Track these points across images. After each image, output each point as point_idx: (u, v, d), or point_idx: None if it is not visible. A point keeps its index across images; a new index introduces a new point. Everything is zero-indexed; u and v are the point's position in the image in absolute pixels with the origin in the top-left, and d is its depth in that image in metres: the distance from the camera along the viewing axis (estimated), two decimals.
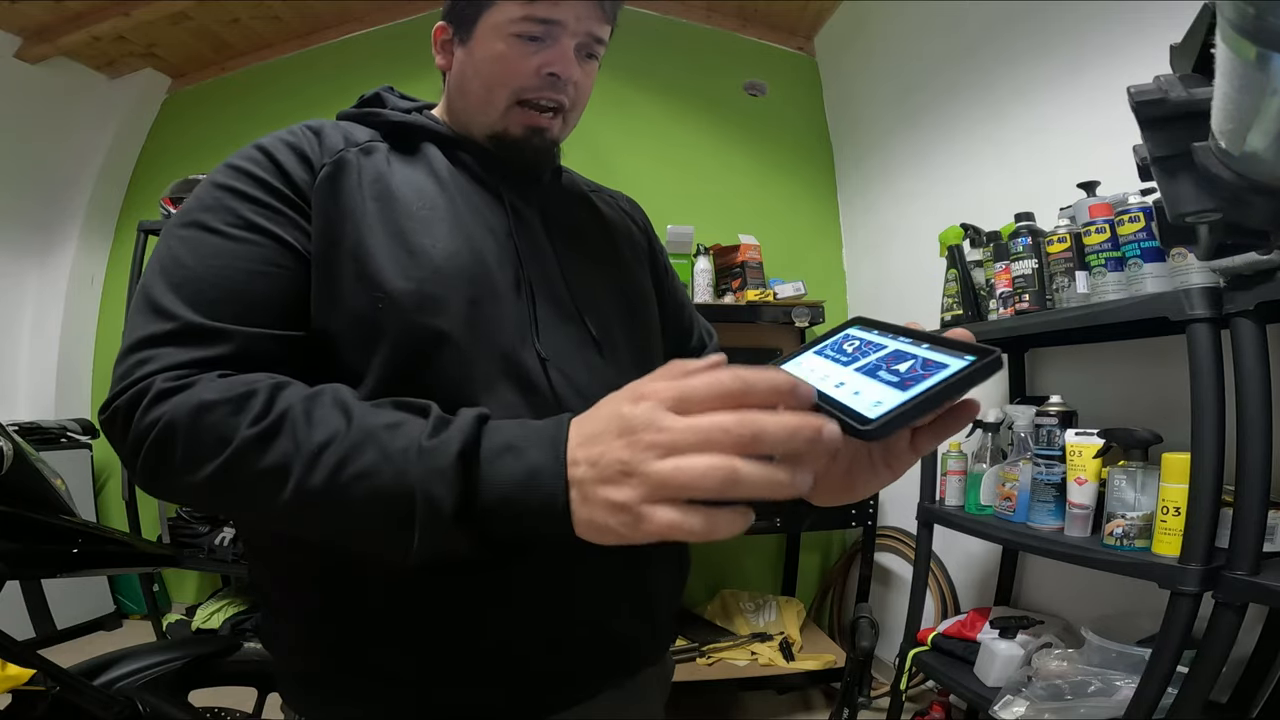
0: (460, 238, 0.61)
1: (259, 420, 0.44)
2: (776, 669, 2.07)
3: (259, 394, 0.46)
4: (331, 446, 0.43)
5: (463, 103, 0.68)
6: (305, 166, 0.59)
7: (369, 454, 0.42)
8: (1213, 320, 1.08)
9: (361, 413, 0.45)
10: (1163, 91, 0.44)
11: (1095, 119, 1.64)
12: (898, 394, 0.36)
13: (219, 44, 3.01)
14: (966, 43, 2.15)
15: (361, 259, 0.56)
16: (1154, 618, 1.18)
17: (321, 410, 0.45)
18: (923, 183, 2.40)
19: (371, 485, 0.42)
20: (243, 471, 0.44)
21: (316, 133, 0.62)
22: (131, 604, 2.87)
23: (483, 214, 0.64)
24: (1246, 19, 0.29)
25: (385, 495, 0.41)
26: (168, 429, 0.46)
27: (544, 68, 0.62)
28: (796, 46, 3.10)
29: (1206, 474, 1.07)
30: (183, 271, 0.53)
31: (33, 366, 2.98)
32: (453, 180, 0.65)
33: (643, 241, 0.81)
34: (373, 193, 0.60)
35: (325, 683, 0.58)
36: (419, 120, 0.67)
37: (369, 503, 0.42)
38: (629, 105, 2.91)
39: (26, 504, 1.08)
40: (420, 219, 0.60)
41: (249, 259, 0.54)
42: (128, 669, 1.14)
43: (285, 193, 0.57)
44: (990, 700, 1.38)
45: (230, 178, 0.57)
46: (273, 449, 0.43)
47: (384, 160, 0.63)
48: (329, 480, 0.42)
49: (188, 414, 0.45)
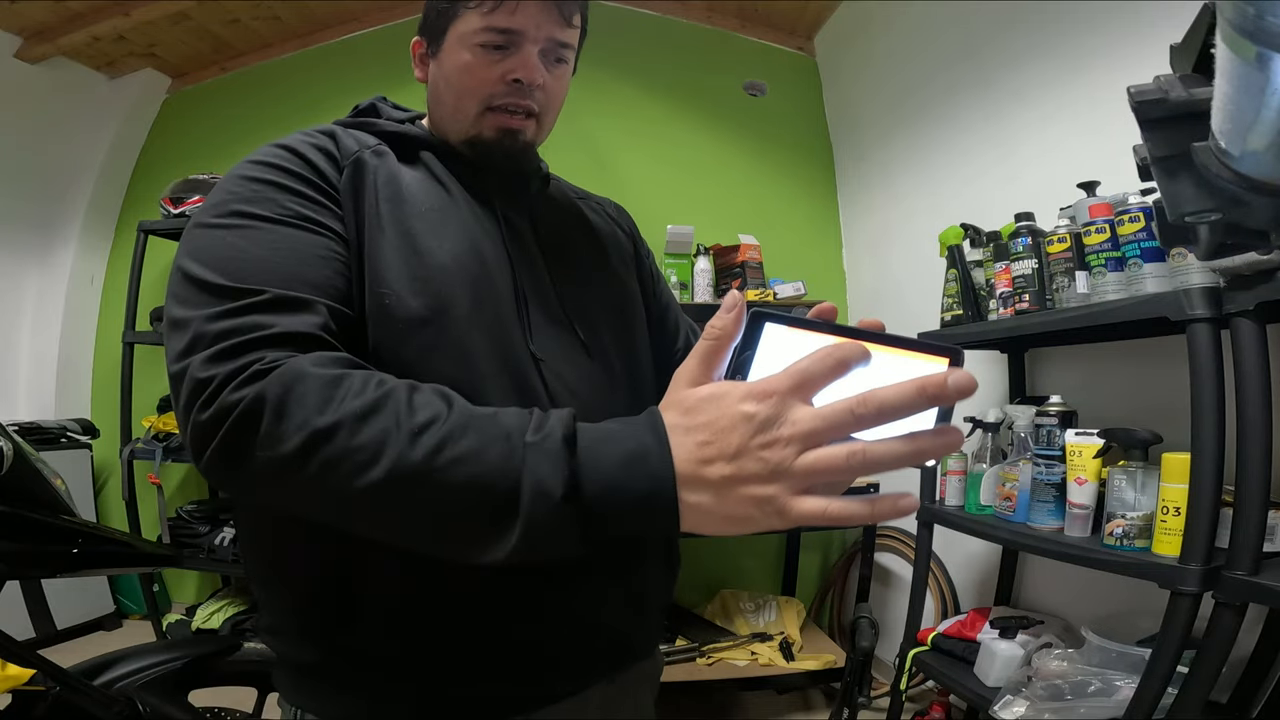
0: (465, 240, 0.63)
1: (359, 395, 0.43)
2: (776, 669, 2.07)
3: (357, 375, 0.45)
4: (433, 427, 0.42)
5: (439, 112, 0.70)
6: (333, 164, 0.61)
7: (471, 437, 0.41)
8: (1213, 320, 1.08)
9: (463, 402, 0.45)
10: (1163, 91, 0.44)
11: (1095, 119, 1.64)
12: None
13: (219, 44, 3.01)
14: (966, 43, 2.15)
15: (373, 256, 0.58)
16: (1154, 618, 1.18)
17: (423, 395, 0.44)
18: (923, 183, 2.40)
19: (473, 470, 0.41)
20: (334, 445, 0.42)
21: (331, 136, 0.64)
22: (131, 604, 2.87)
23: (481, 220, 0.66)
24: (1246, 19, 0.29)
25: (488, 479, 0.40)
26: (257, 401, 0.43)
27: (508, 75, 0.64)
28: (796, 46, 3.10)
29: (1206, 474, 1.07)
30: (237, 255, 0.52)
31: (33, 367, 2.98)
32: (453, 186, 0.67)
33: (629, 247, 0.83)
34: (386, 193, 0.61)
35: (321, 674, 0.59)
36: (412, 130, 0.69)
37: (467, 488, 0.41)
38: (629, 105, 2.91)
39: (26, 504, 1.08)
40: (429, 220, 0.62)
41: (309, 244, 0.55)
42: (128, 669, 1.14)
43: (323, 186, 0.59)
44: (990, 700, 1.38)
45: (265, 173, 0.57)
46: (371, 424, 0.42)
47: (394, 163, 0.65)
48: (427, 461, 0.41)
49: (281, 386, 0.43)
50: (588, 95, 2.71)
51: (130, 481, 2.61)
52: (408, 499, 0.42)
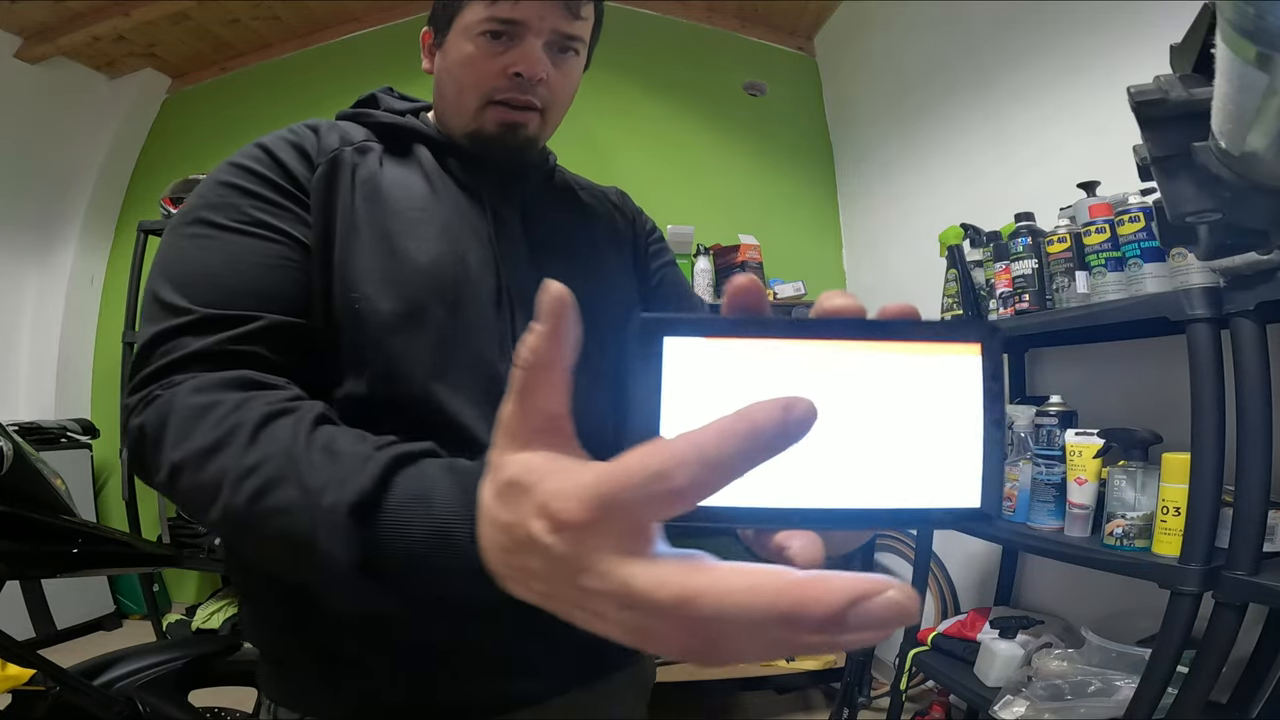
0: (446, 242, 0.61)
1: (212, 429, 0.42)
2: (776, 669, 2.07)
3: (226, 402, 0.44)
4: (258, 471, 0.39)
5: (442, 104, 0.68)
6: (305, 163, 0.60)
7: (287, 488, 0.38)
8: (1213, 320, 1.08)
9: (310, 437, 0.39)
10: (1163, 91, 0.44)
11: (1095, 119, 1.63)
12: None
13: (219, 44, 3.01)
14: (966, 43, 2.15)
15: (345, 259, 0.57)
16: (1154, 618, 1.18)
17: (271, 430, 0.41)
18: (923, 183, 2.40)
19: (283, 524, 0.37)
20: (185, 480, 0.42)
21: (315, 130, 0.63)
22: (131, 604, 2.87)
23: (468, 218, 0.64)
24: (1246, 19, 0.29)
25: (297, 536, 0.36)
26: (140, 431, 0.46)
27: (510, 68, 0.62)
28: (796, 46, 3.10)
29: (1206, 474, 1.07)
30: (192, 267, 0.53)
31: (33, 367, 2.98)
32: (441, 183, 0.65)
33: (627, 232, 0.79)
34: (364, 192, 0.60)
35: (287, 669, 0.59)
36: (409, 123, 0.67)
37: (284, 540, 0.37)
38: (629, 105, 2.91)
39: (26, 504, 1.08)
40: (407, 220, 0.60)
41: (259, 253, 0.54)
42: (128, 669, 1.15)
43: (288, 188, 0.58)
44: (990, 700, 1.38)
45: (234, 175, 0.57)
46: (212, 462, 0.41)
47: (377, 160, 0.63)
48: (248, 508, 0.39)
49: (157, 417, 0.45)
50: (588, 95, 2.70)
51: (130, 481, 2.61)
52: (244, 539, 0.41)
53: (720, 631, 0.21)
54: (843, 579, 0.20)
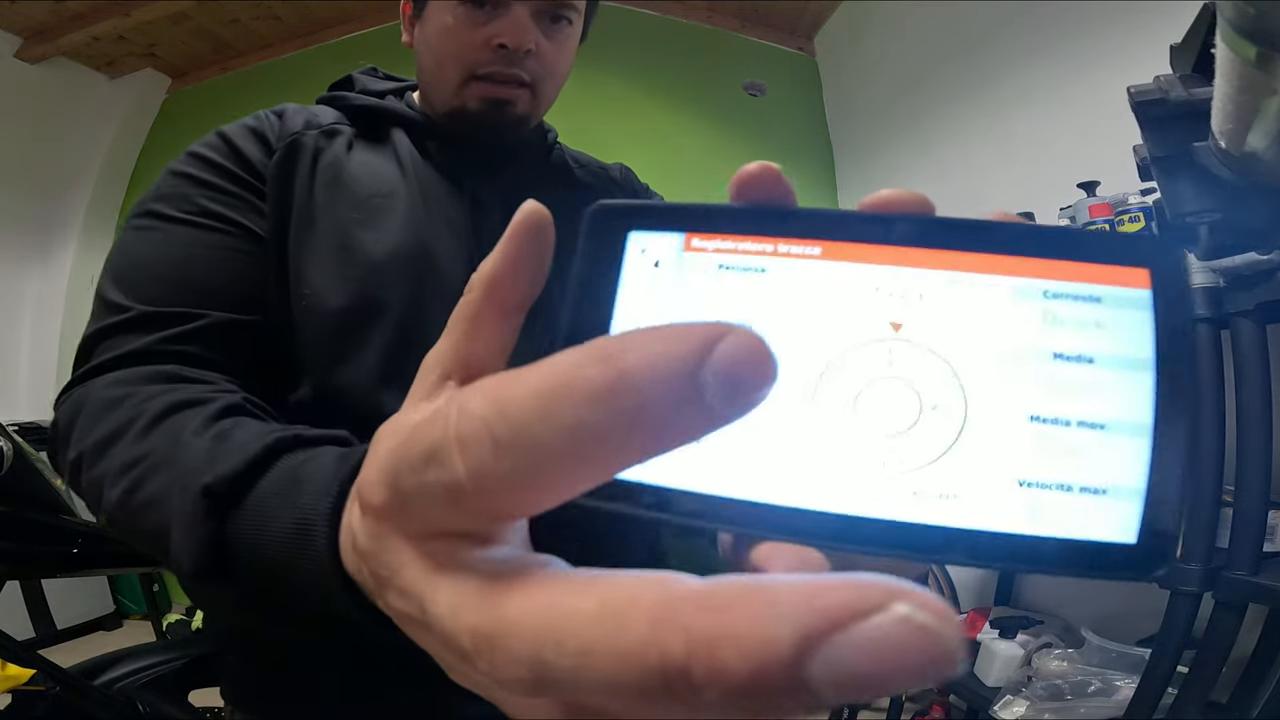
0: (410, 232, 0.55)
1: (111, 423, 0.39)
2: None
3: (136, 396, 0.40)
4: (142, 462, 0.35)
5: (423, 81, 0.63)
6: (264, 149, 0.56)
7: (160, 477, 0.33)
8: (1213, 320, 1.08)
9: (209, 425, 0.35)
10: (1163, 91, 0.44)
11: (1096, 119, 1.63)
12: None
13: (219, 44, 3.01)
14: (967, 43, 2.15)
15: (298, 251, 0.53)
16: (1154, 618, 1.18)
17: (172, 420, 0.37)
18: (923, 182, 2.40)
19: (152, 518, 0.33)
20: (83, 475, 0.40)
21: (280, 115, 0.59)
22: (131, 604, 2.86)
23: (441, 205, 0.58)
24: (1246, 19, 0.29)
25: (157, 533, 0.32)
26: (54, 427, 0.44)
27: (494, 39, 0.56)
28: (796, 46, 3.10)
29: (1206, 474, 1.07)
30: (135, 261, 0.50)
31: (33, 367, 2.98)
32: (415, 169, 0.59)
33: None
34: (324, 179, 0.56)
35: (241, 671, 0.57)
36: (384, 105, 0.62)
37: (157, 536, 0.32)
38: (629, 105, 2.91)
39: (26, 504, 1.08)
40: (369, 209, 0.55)
41: (206, 245, 0.51)
42: (128, 669, 1.14)
43: (243, 176, 0.54)
44: (990, 700, 1.38)
45: (188, 165, 0.54)
46: (105, 458, 0.38)
47: (344, 146, 0.59)
48: (123, 503, 0.35)
49: (69, 413, 0.43)
50: (587, 95, 2.71)
51: None
52: (128, 537, 0.38)
53: (562, 689, 0.12)
54: (791, 595, 0.10)
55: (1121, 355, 0.16)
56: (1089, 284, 0.16)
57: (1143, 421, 0.16)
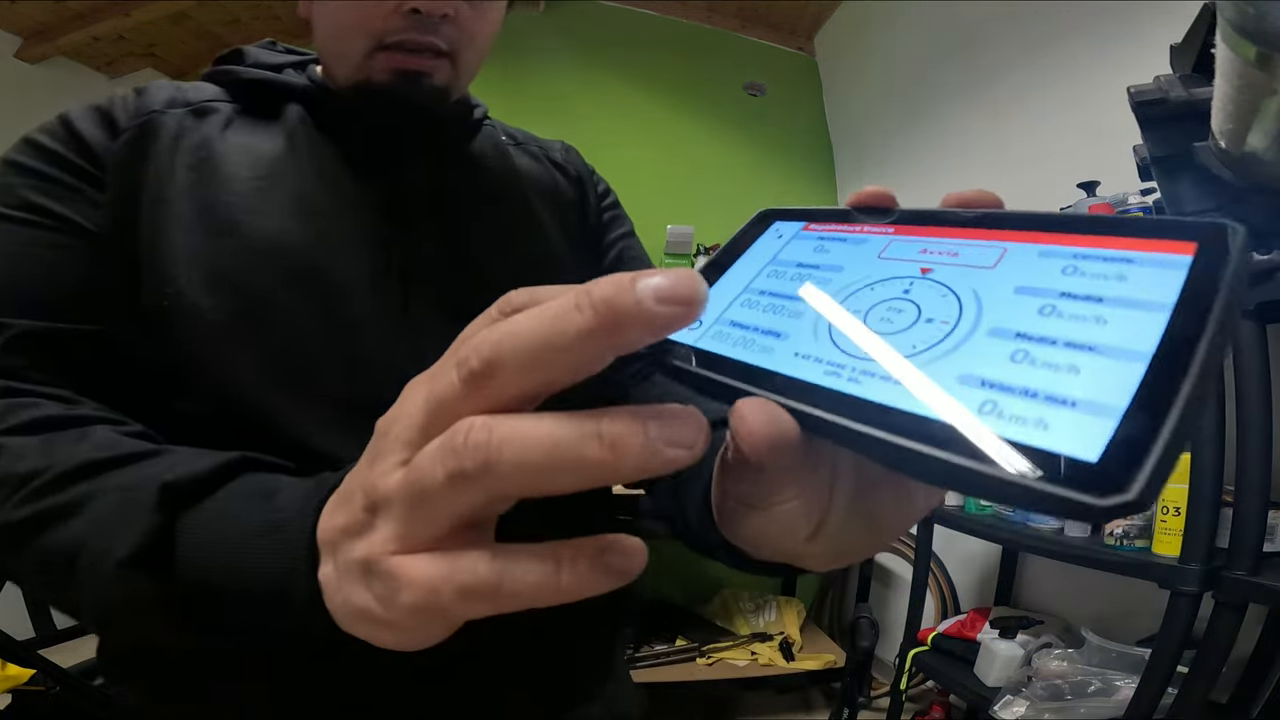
0: (298, 216, 0.48)
1: None
2: (776, 669, 2.07)
3: None
4: (39, 477, 0.33)
5: (323, 52, 0.55)
6: (108, 132, 0.49)
7: (82, 485, 0.32)
8: None
9: (97, 445, 0.34)
10: (1163, 91, 0.44)
11: (1095, 119, 1.63)
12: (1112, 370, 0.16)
13: (219, 44, 3.00)
14: (966, 43, 2.15)
15: (153, 244, 0.46)
16: (1154, 618, 1.18)
17: (66, 437, 0.36)
18: (923, 182, 2.40)
19: (76, 524, 0.32)
20: None
21: (140, 93, 0.52)
22: None
23: (341, 187, 0.51)
24: (1246, 19, 0.29)
25: (75, 540, 0.31)
26: None
27: (404, 3, 0.48)
28: (796, 46, 3.10)
29: (1206, 474, 1.07)
30: None
31: None
32: (310, 147, 0.52)
33: (573, 198, 0.65)
34: (189, 161, 0.48)
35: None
36: (277, 78, 0.55)
37: (63, 548, 0.32)
38: (628, 105, 2.91)
39: None
40: (245, 193, 0.48)
41: (27, 244, 0.44)
42: None
43: (77, 164, 0.47)
44: (990, 700, 1.38)
45: (19, 153, 0.47)
46: None
47: (220, 125, 0.51)
48: (20, 517, 0.33)
49: None
50: (587, 95, 2.71)
51: None
52: (17, 548, 0.35)
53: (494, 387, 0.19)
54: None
55: (1138, 299, 0.17)
56: (1127, 250, 0.18)
57: (1141, 349, 0.16)
